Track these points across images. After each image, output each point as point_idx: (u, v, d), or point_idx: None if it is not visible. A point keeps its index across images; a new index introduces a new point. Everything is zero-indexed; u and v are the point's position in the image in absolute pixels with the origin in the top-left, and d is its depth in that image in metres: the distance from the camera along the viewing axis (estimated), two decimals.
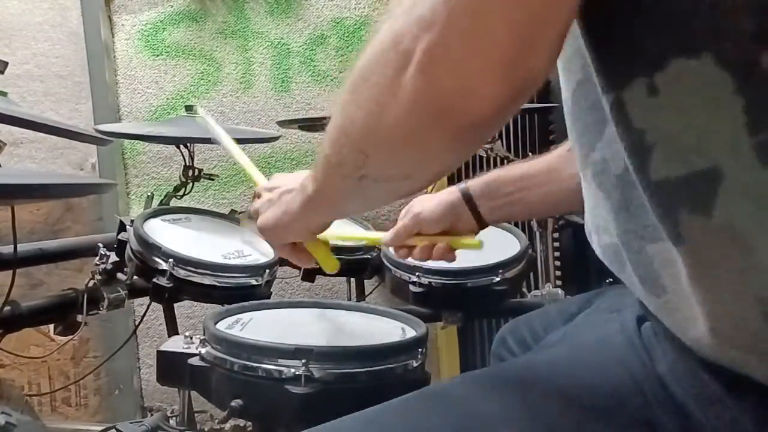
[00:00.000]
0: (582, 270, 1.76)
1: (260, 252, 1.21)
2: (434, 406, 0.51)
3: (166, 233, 1.15)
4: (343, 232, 1.18)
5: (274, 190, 0.71)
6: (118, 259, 1.16)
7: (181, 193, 1.48)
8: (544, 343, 0.77)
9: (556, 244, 1.74)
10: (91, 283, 1.18)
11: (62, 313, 1.17)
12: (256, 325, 0.87)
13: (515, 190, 0.84)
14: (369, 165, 0.48)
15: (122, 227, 1.14)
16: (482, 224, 0.85)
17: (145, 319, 1.60)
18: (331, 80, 2.03)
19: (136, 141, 1.94)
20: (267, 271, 1.13)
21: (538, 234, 1.48)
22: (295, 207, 0.64)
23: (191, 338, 0.83)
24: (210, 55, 2.00)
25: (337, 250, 1.33)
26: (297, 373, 0.71)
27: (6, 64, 1.04)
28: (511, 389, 0.51)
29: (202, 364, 0.78)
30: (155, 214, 1.20)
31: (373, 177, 0.49)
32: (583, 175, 0.51)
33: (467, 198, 0.84)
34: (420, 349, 0.80)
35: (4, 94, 1.01)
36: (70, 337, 1.22)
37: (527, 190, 0.83)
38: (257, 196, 0.75)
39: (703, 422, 0.44)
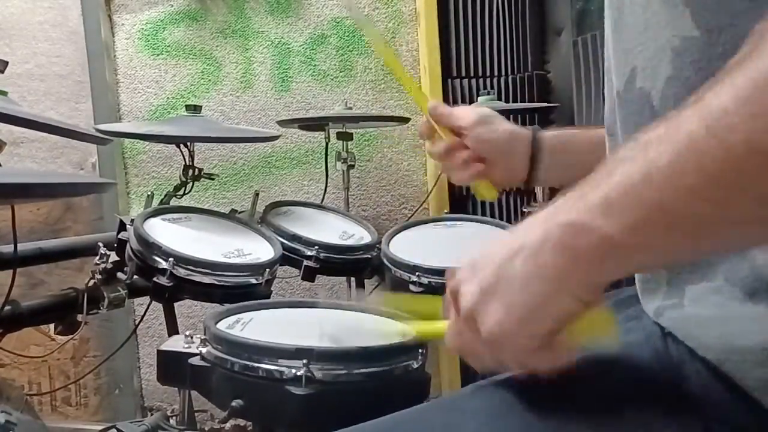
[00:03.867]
0: None
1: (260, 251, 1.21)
2: (454, 417, 0.48)
3: (166, 232, 1.15)
4: None
5: (477, 274, 0.45)
6: (118, 258, 1.16)
7: (181, 192, 1.48)
8: None
9: None
10: (91, 283, 1.18)
11: (62, 312, 1.17)
12: (256, 325, 0.87)
13: (588, 152, 0.72)
14: None
15: (122, 226, 1.14)
16: (530, 177, 0.77)
17: (145, 318, 1.60)
18: (331, 80, 2.03)
19: (137, 140, 1.94)
20: (267, 270, 1.13)
21: None
22: (556, 261, 0.40)
23: (191, 338, 0.83)
24: (210, 54, 2.00)
25: (338, 249, 1.35)
26: (298, 373, 0.71)
27: (6, 63, 1.04)
28: (535, 402, 0.46)
29: (203, 363, 0.78)
30: (155, 214, 1.20)
31: None
32: None
33: (535, 138, 0.76)
34: (421, 350, 0.80)
35: (4, 93, 1.00)
36: (70, 336, 1.22)
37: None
38: (453, 297, 0.48)
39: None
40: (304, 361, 0.71)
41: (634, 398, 0.45)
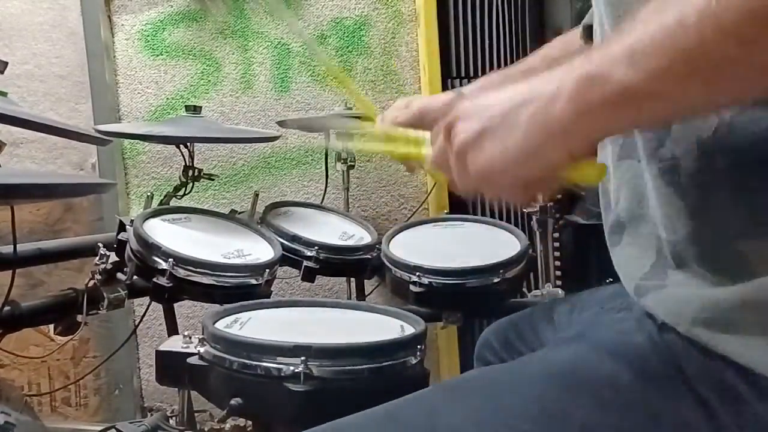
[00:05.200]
0: (582, 270, 1.75)
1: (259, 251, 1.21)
2: (453, 399, 0.50)
3: (166, 233, 1.15)
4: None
5: (478, 113, 0.47)
6: (118, 259, 1.16)
7: (181, 193, 1.48)
8: (557, 340, 0.75)
9: (556, 244, 1.74)
10: (91, 283, 1.18)
11: (62, 313, 1.17)
12: (254, 324, 0.87)
13: None
14: None
15: (122, 227, 1.14)
16: None
17: (145, 319, 1.60)
18: (331, 80, 2.03)
19: (136, 141, 1.94)
20: (267, 270, 1.13)
21: (538, 234, 1.48)
22: (564, 113, 0.42)
23: (190, 338, 0.83)
24: (210, 55, 2.00)
25: (338, 250, 1.35)
26: (296, 370, 0.71)
27: (6, 64, 1.04)
28: (530, 383, 0.49)
29: (201, 363, 0.78)
30: (155, 214, 1.20)
31: None
32: (648, 169, 0.49)
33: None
34: (419, 346, 0.80)
35: (4, 94, 1.00)
36: (70, 337, 1.22)
37: None
38: (447, 128, 0.50)
39: (726, 420, 0.44)
40: (302, 358, 0.71)
41: (632, 377, 0.47)
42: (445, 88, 1.92)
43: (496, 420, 0.47)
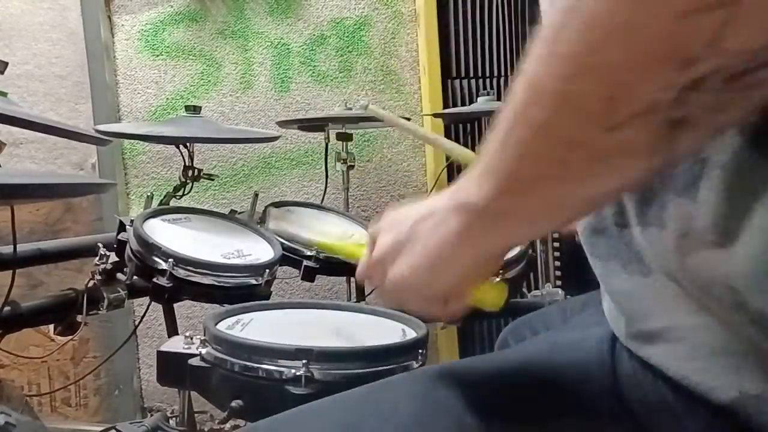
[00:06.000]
0: (582, 270, 1.75)
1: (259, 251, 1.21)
2: (414, 389, 0.50)
3: (166, 233, 1.15)
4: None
5: (394, 227, 0.48)
6: (117, 259, 1.16)
7: (180, 193, 1.47)
8: (535, 340, 0.76)
9: (556, 244, 1.74)
10: (90, 283, 1.18)
11: (62, 313, 1.17)
12: (256, 326, 0.87)
13: None
14: (736, 29, 0.25)
15: (122, 227, 1.13)
16: None
17: (145, 319, 1.60)
18: (331, 80, 2.03)
19: (136, 141, 1.94)
20: (267, 270, 1.13)
21: None
22: (449, 231, 0.42)
23: (191, 338, 0.83)
24: (210, 55, 2.00)
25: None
26: (297, 373, 0.71)
27: (6, 64, 1.04)
28: (488, 377, 0.51)
29: (203, 364, 0.78)
30: (155, 214, 1.20)
31: (727, 69, 0.27)
32: None
33: None
34: (420, 350, 0.80)
35: (4, 94, 1.00)
36: (70, 337, 1.22)
37: None
38: (371, 244, 0.51)
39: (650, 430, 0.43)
40: (304, 361, 0.71)
41: (569, 380, 0.48)
42: (445, 88, 1.93)
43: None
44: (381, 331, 0.88)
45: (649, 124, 0.29)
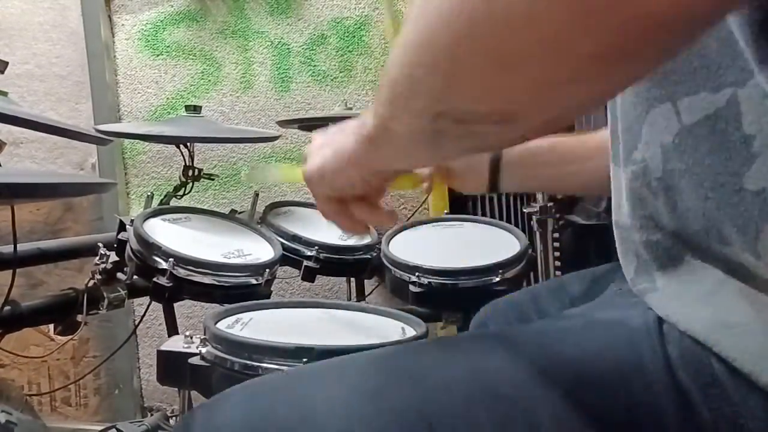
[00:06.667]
0: (582, 269, 1.75)
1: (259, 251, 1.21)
2: (443, 354, 0.50)
3: (166, 233, 1.15)
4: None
5: (327, 137, 0.59)
6: (118, 258, 1.16)
7: (181, 192, 1.48)
8: (562, 314, 0.75)
9: (556, 244, 1.74)
10: (91, 283, 1.19)
11: (62, 312, 1.17)
12: (256, 325, 0.87)
13: (557, 162, 0.80)
14: (452, 95, 0.34)
15: (122, 227, 1.14)
16: (493, 188, 0.83)
17: (145, 318, 1.60)
18: (331, 80, 2.03)
19: (136, 141, 1.94)
20: (267, 270, 1.13)
21: (538, 234, 1.48)
22: (350, 144, 0.52)
23: (191, 338, 0.83)
24: (210, 55, 2.00)
25: (338, 249, 1.35)
26: None
27: (6, 64, 1.05)
28: (520, 350, 0.50)
29: (203, 363, 0.78)
30: (155, 214, 1.20)
31: (453, 116, 0.35)
32: (624, 171, 0.51)
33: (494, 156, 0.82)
34: None
35: (4, 94, 1.01)
36: (70, 336, 1.22)
37: (571, 165, 0.80)
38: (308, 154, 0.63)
39: (704, 414, 0.43)
40: (304, 359, 0.71)
41: (614, 359, 0.47)
42: None
43: (482, 378, 0.47)
44: (381, 330, 0.88)
45: (419, 126, 0.40)
